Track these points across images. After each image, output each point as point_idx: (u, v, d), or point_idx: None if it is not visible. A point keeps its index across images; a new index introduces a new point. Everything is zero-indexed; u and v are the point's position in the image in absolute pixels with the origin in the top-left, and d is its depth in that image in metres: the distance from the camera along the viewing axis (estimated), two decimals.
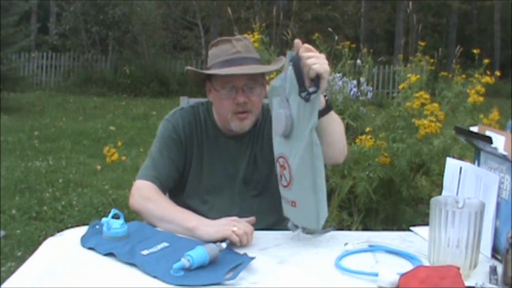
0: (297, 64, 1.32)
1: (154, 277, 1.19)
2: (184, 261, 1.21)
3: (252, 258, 1.27)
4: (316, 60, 1.34)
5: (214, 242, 1.30)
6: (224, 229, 1.38)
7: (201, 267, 1.23)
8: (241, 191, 1.74)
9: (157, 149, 1.71)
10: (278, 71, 1.66)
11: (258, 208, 1.70)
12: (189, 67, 1.73)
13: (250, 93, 1.65)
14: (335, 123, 1.54)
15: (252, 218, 1.48)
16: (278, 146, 1.46)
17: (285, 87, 1.38)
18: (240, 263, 1.24)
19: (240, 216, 1.46)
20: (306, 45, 1.37)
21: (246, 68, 1.62)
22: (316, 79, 1.32)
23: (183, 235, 1.43)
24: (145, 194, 1.59)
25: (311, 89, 1.31)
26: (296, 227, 1.45)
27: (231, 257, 1.29)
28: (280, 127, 1.39)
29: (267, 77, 3.71)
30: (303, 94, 1.32)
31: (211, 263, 1.24)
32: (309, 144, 1.35)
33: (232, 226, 1.38)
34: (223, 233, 1.36)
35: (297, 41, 1.37)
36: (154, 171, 1.66)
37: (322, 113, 1.44)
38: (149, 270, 1.22)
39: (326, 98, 1.49)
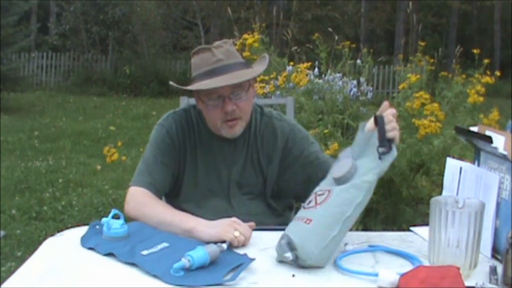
0: (382, 122, 1.43)
1: (154, 276, 1.19)
2: (185, 261, 1.21)
3: (252, 259, 1.26)
4: (395, 126, 1.45)
5: (215, 242, 1.30)
6: (226, 231, 1.37)
7: (201, 267, 1.22)
8: (236, 194, 1.72)
9: (151, 154, 1.69)
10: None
11: (255, 211, 1.69)
12: (171, 83, 1.73)
13: (237, 100, 1.62)
14: None
15: (252, 224, 1.47)
16: (325, 184, 1.43)
17: (354, 149, 1.45)
18: (240, 264, 1.23)
19: (238, 218, 1.45)
20: (393, 110, 1.47)
21: (229, 78, 1.59)
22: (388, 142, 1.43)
23: (183, 235, 1.43)
24: (140, 200, 1.58)
25: (385, 149, 1.41)
26: (290, 250, 1.28)
27: (231, 257, 1.29)
28: (341, 172, 1.39)
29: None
30: (382, 149, 1.40)
31: (212, 263, 1.24)
32: (367, 185, 1.38)
33: (233, 230, 1.38)
34: (224, 236, 1.36)
35: (386, 103, 1.48)
36: (149, 177, 1.65)
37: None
38: (149, 269, 1.22)
39: None
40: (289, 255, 1.27)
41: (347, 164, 1.40)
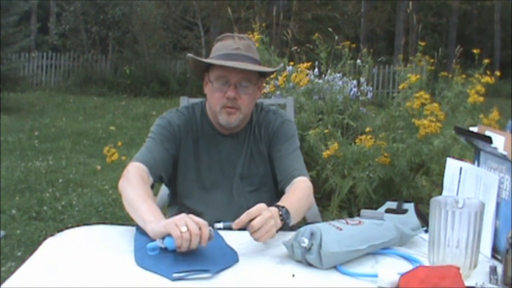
0: (417, 209, 1.56)
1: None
2: (159, 241, 1.24)
3: (214, 271, 1.21)
4: None
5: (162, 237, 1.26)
6: (175, 223, 1.26)
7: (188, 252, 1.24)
8: (238, 187, 1.76)
9: (152, 138, 1.73)
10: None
11: (255, 203, 1.71)
12: (189, 54, 1.74)
13: (242, 91, 1.67)
14: (295, 218, 1.50)
15: (204, 222, 1.30)
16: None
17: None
18: (201, 270, 1.20)
19: (237, 213, 1.45)
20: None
21: (240, 64, 1.64)
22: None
23: (140, 224, 1.39)
24: (129, 176, 1.57)
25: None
26: (309, 237, 1.27)
27: (218, 257, 1.27)
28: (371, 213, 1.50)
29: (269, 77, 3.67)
30: (424, 230, 1.49)
31: (203, 248, 1.25)
32: (395, 232, 1.41)
33: (182, 224, 1.25)
34: (172, 230, 1.24)
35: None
36: (148, 155, 1.68)
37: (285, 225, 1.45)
38: (135, 246, 1.30)
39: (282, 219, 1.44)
40: (306, 241, 1.26)
41: (379, 212, 1.49)
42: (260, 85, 1.77)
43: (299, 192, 1.62)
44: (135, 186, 1.53)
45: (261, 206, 1.38)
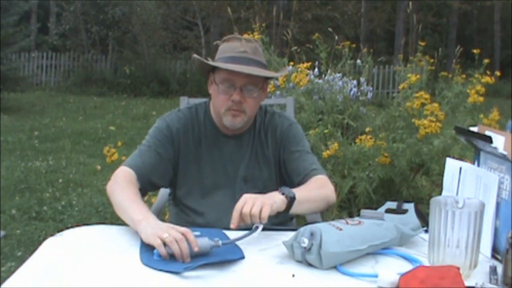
0: (417, 209, 1.56)
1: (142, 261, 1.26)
2: (167, 248, 1.25)
3: (222, 260, 1.25)
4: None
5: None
6: (158, 235, 1.28)
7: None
8: (241, 190, 1.74)
9: (147, 142, 1.74)
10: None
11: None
12: (195, 55, 1.74)
13: (247, 94, 1.67)
14: (306, 203, 1.55)
15: (187, 230, 1.32)
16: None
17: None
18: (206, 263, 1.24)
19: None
20: None
21: (247, 69, 1.64)
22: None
23: (131, 225, 1.41)
24: (118, 180, 1.60)
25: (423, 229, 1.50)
26: (309, 237, 1.27)
27: (224, 252, 1.29)
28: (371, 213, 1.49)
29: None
30: (424, 230, 1.48)
31: (203, 255, 1.27)
32: (395, 232, 1.40)
33: (163, 233, 1.27)
34: (153, 241, 1.27)
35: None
36: (139, 161, 1.68)
37: (288, 207, 1.48)
38: (141, 250, 1.30)
39: (284, 195, 1.49)
40: (306, 241, 1.26)
41: (379, 212, 1.49)
42: (265, 88, 1.77)
43: (309, 184, 1.66)
44: (123, 188, 1.56)
45: (243, 196, 1.43)
